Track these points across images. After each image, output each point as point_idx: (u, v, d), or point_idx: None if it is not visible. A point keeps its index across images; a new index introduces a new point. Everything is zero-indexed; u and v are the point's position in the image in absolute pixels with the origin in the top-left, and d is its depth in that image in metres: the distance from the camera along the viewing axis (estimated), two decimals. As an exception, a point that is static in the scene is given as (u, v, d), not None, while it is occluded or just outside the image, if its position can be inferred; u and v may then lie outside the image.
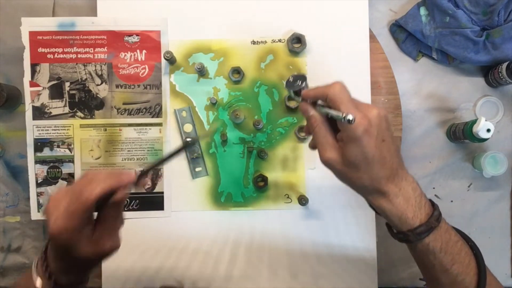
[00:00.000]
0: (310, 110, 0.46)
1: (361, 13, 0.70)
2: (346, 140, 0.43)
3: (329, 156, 0.45)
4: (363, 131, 0.42)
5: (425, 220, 0.45)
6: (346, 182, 0.46)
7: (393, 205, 0.44)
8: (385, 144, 0.44)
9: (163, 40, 0.69)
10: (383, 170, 0.44)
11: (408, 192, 0.45)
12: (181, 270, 0.69)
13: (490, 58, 0.69)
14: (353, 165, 0.43)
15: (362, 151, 0.42)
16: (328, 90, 0.44)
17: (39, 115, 0.69)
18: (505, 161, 0.69)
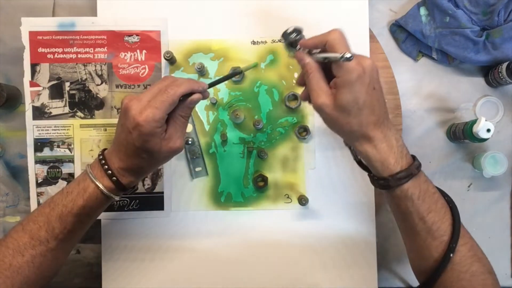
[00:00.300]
0: (306, 58, 0.48)
1: (361, 13, 0.70)
2: (339, 85, 0.45)
3: (322, 101, 0.46)
4: (357, 76, 0.44)
5: (406, 167, 0.47)
6: (335, 127, 0.48)
7: (377, 150, 0.47)
8: (375, 92, 0.46)
9: (163, 40, 0.69)
10: (372, 116, 0.46)
11: (391, 140, 0.48)
12: (181, 270, 0.69)
13: (490, 58, 0.69)
14: (344, 110, 0.46)
15: (354, 96, 0.45)
16: (327, 36, 0.46)
17: (39, 115, 0.69)
18: (505, 161, 0.69)
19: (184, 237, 0.69)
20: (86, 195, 0.52)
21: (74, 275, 0.75)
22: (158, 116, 0.48)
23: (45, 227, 0.52)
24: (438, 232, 0.48)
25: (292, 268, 0.69)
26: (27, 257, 0.51)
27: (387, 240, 0.74)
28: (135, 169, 0.52)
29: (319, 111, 0.48)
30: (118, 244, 0.69)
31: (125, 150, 0.51)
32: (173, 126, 0.51)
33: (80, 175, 0.54)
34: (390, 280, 0.74)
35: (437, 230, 0.48)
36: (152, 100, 0.48)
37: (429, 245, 0.49)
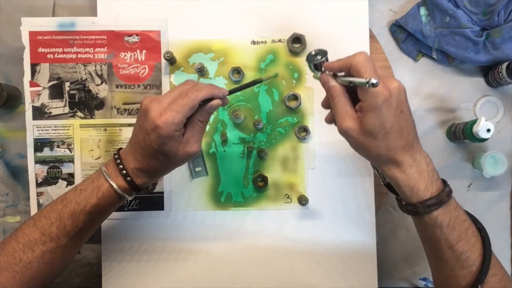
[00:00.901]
0: (331, 81, 0.47)
1: (361, 13, 0.70)
2: (365, 109, 0.44)
3: (348, 125, 0.46)
4: (383, 101, 0.43)
5: (436, 194, 0.46)
6: (362, 151, 0.47)
7: (407, 176, 0.46)
8: (403, 115, 0.45)
9: (163, 40, 0.69)
10: (400, 140, 0.45)
11: (422, 165, 0.46)
12: (181, 270, 0.69)
13: (490, 58, 0.69)
14: (370, 134, 0.44)
15: (381, 120, 0.43)
16: (352, 59, 0.45)
17: (39, 115, 0.69)
18: (505, 161, 0.69)
19: (184, 237, 0.69)
20: (100, 193, 0.52)
21: (74, 275, 0.75)
22: (177, 119, 0.48)
23: (57, 223, 0.52)
24: (467, 262, 0.47)
25: (292, 268, 0.69)
26: (37, 252, 0.51)
27: (387, 240, 0.74)
28: (150, 171, 0.52)
29: (345, 135, 0.47)
30: (118, 244, 0.69)
31: (141, 151, 0.51)
32: (191, 130, 0.51)
33: (94, 173, 0.54)
34: (390, 280, 0.74)
35: (466, 259, 0.47)
36: (173, 103, 0.48)
37: (457, 274, 0.47)
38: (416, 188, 0.46)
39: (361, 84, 0.43)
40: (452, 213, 0.47)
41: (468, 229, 0.47)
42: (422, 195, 0.46)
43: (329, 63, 0.48)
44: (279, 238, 0.69)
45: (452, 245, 0.47)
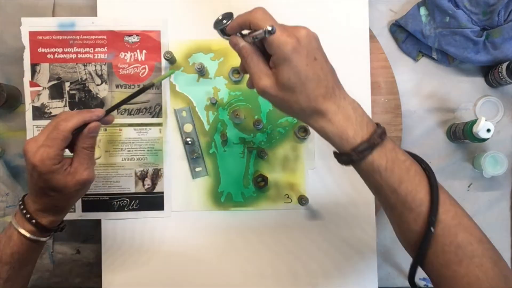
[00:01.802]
0: (239, 42, 0.45)
1: (361, 13, 0.70)
2: (277, 63, 0.43)
3: (264, 83, 0.44)
4: (292, 50, 0.41)
5: (367, 137, 0.43)
6: (285, 108, 0.45)
7: (333, 124, 0.44)
8: (318, 63, 0.43)
9: (163, 40, 0.69)
10: (318, 88, 0.43)
11: (348, 110, 0.44)
12: (181, 270, 0.69)
13: (490, 58, 0.69)
14: (288, 88, 0.43)
15: (294, 71, 0.42)
16: (249, 15, 0.44)
17: (39, 115, 0.69)
18: (505, 161, 0.69)
19: (184, 237, 0.69)
20: (12, 242, 0.52)
21: (74, 275, 0.75)
22: (52, 154, 0.49)
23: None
24: (414, 203, 0.44)
25: (292, 268, 0.69)
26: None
27: (387, 239, 0.74)
28: (50, 208, 0.53)
29: (264, 94, 0.45)
30: (118, 244, 0.69)
31: (34, 192, 0.52)
32: (78, 159, 0.52)
33: (7, 225, 0.54)
34: (390, 280, 0.74)
35: (412, 201, 0.44)
36: (46, 139, 0.49)
37: (407, 218, 0.45)
38: (345, 135, 0.43)
39: (261, 35, 0.42)
40: (389, 155, 0.44)
41: (409, 169, 0.44)
42: (352, 142, 0.43)
43: (230, 24, 0.46)
44: (279, 238, 0.69)
45: (395, 188, 0.44)
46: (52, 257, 0.74)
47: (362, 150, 0.43)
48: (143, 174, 0.69)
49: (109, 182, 0.69)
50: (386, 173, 0.44)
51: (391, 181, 0.44)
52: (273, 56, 0.43)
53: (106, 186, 0.69)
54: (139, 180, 0.69)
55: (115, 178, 0.69)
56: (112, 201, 0.69)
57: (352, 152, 0.44)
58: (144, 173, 0.69)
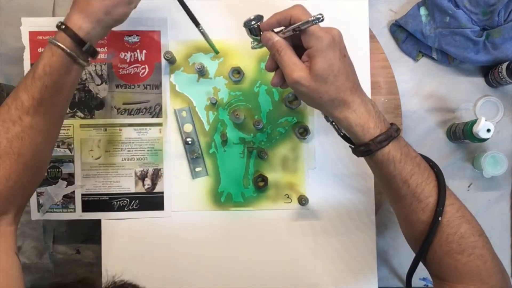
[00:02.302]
0: (274, 36, 0.49)
1: (361, 13, 0.70)
2: (313, 55, 0.46)
3: (299, 74, 0.47)
4: (328, 44, 0.46)
5: (385, 130, 0.48)
6: (314, 98, 0.48)
7: (357, 115, 0.48)
8: (347, 60, 0.48)
9: (163, 40, 0.69)
10: (347, 82, 0.47)
11: (369, 105, 0.49)
12: (181, 270, 0.69)
13: (490, 58, 0.69)
14: (321, 79, 0.46)
15: (329, 63, 0.46)
16: (291, 11, 0.47)
17: (39, 115, 0.69)
18: (505, 161, 0.69)
19: (184, 237, 0.69)
20: (44, 54, 0.50)
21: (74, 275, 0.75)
22: None
23: (14, 104, 0.50)
24: (423, 194, 0.48)
25: (292, 268, 0.69)
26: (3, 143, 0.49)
27: (387, 239, 0.74)
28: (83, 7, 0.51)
29: (296, 85, 0.47)
30: (118, 244, 0.69)
31: None
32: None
33: None
34: (390, 280, 0.74)
35: (421, 192, 0.48)
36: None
37: (416, 208, 0.49)
38: (367, 126, 0.48)
39: (308, 23, 0.45)
40: (403, 149, 0.49)
41: (420, 164, 0.49)
42: (372, 132, 0.48)
43: (268, 19, 0.49)
44: (279, 238, 0.69)
45: (407, 179, 0.48)
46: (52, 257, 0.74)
47: (380, 140, 0.48)
48: (143, 174, 0.69)
49: (109, 182, 0.69)
50: (399, 165, 0.48)
51: (403, 172, 0.48)
52: (310, 49, 0.46)
53: (106, 186, 0.69)
54: (139, 180, 0.69)
55: (115, 178, 0.69)
56: (112, 201, 0.69)
57: (371, 142, 0.48)
58: (144, 173, 0.69)
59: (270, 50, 0.49)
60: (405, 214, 0.51)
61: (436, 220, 0.47)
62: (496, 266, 0.48)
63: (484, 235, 0.49)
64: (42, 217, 0.69)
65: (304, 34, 0.46)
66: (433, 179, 0.49)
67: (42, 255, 0.74)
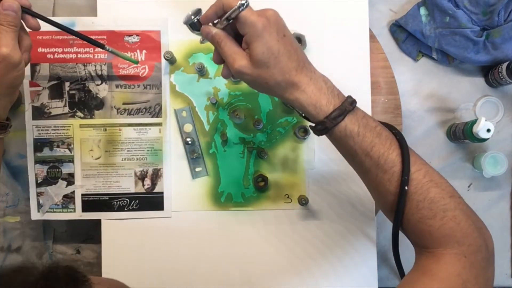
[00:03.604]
0: (212, 29, 0.48)
1: (361, 13, 0.70)
2: (250, 41, 0.45)
3: (240, 63, 0.46)
4: (263, 27, 0.45)
5: (339, 105, 0.47)
6: (261, 85, 0.48)
7: (307, 94, 0.47)
8: (287, 39, 0.46)
9: (163, 40, 0.69)
10: (291, 62, 0.46)
11: (319, 82, 0.47)
12: (181, 270, 0.69)
13: (490, 58, 0.69)
14: (262, 63, 0.45)
15: (267, 46, 0.45)
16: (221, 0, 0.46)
17: (39, 115, 0.69)
18: (505, 161, 0.69)
19: (184, 237, 0.69)
20: None
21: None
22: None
23: None
24: (387, 165, 0.47)
25: (292, 268, 0.69)
26: None
27: (387, 239, 0.74)
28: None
29: (240, 74, 0.47)
30: (118, 244, 0.69)
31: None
32: None
33: None
34: (390, 280, 0.74)
35: (385, 162, 0.47)
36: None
37: (382, 180, 0.48)
38: (319, 104, 0.47)
39: (235, 12, 0.44)
40: (361, 121, 0.47)
41: (380, 133, 0.48)
42: (325, 109, 0.47)
43: (204, 14, 0.49)
44: (279, 238, 0.69)
45: (368, 151, 0.47)
46: (52, 257, 0.74)
47: (335, 116, 0.46)
48: (143, 174, 0.69)
49: (109, 182, 0.69)
50: (358, 138, 0.47)
51: (364, 145, 0.47)
52: (246, 36, 0.46)
53: (106, 186, 0.69)
54: (139, 180, 0.69)
55: (115, 178, 0.69)
56: (112, 201, 0.69)
57: (325, 119, 0.47)
58: (144, 173, 0.69)
59: (212, 43, 0.49)
60: (374, 187, 0.50)
61: (402, 190, 0.46)
62: (471, 225, 0.46)
63: (456, 196, 0.48)
64: (42, 217, 0.69)
65: (238, 22, 0.45)
66: (396, 147, 0.48)
67: (42, 255, 0.74)
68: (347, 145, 0.48)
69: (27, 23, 0.55)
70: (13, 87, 0.56)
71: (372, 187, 0.51)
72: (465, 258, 0.45)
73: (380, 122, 0.50)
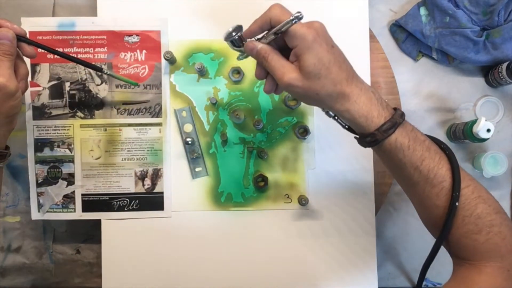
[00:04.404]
0: (257, 44, 0.48)
1: (361, 13, 0.70)
2: (300, 53, 0.45)
3: (290, 76, 0.45)
4: (313, 38, 0.44)
5: (390, 117, 0.46)
6: (311, 96, 0.47)
7: (359, 105, 0.46)
8: (336, 50, 0.46)
9: (163, 40, 0.69)
10: (341, 72, 0.46)
11: (369, 93, 0.47)
12: (181, 270, 0.69)
13: (490, 58, 0.69)
14: (314, 75, 0.45)
15: (318, 57, 0.44)
16: (269, 13, 0.46)
17: (39, 115, 0.69)
18: (505, 161, 0.69)
19: (184, 237, 0.69)
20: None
21: (74, 275, 0.75)
22: None
23: None
24: (437, 179, 0.47)
25: (292, 268, 0.69)
26: None
27: (387, 240, 0.74)
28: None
29: (290, 87, 0.46)
30: (118, 244, 0.69)
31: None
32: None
33: None
34: (390, 280, 0.74)
35: (434, 177, 0.47)
36: None
37: (430, 194, 0.48)
38: (370, 115, 0.46)
39: (287, 24, 0.44)
40: (410, 134, 0.47)
41: (430, 148, 0.48)
42: (377, 121, 0.46)
43: (248, 28, 0.48)
44: (279, 238, 0.69)
45: (417, 165, 0.47)
46: (52, 257, 0.74)
47: (386, 129, 0.46)
48: (143, 174, 0.69)
49: (109, 182, 0.69)
50: (408, 151, 0.47)
51: (413, 159, 0.47)
52: (296, 48, 0.45)
53: (106, 186, 0.69)
54: (139, 180, 0.69)
55: (115, 178, 0.69)
56: (112, 201, 0.69)
57: (376, 132, 0.46)
58: (144, 173, 0.69)
59: (256, 58, 0.48)
60: (419, 200, 0.50)
61: (453, 207, 0.46)
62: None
63: (501, 212, 0.48)
64: (42, 217, 0.69)
65: (287, 35, 0.45)
66: (446, 162, 0.48)
67: (42, 255, 0.74)
68: (396, 158, 0.48)
69: (23, 51, 0.55)
70: (10, 116, 0.55)
71: (418, 200, 0.51)
72: (508, 272, 0.46)
73: (427, 136, 0.50)
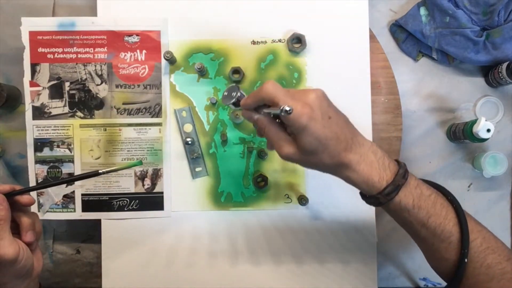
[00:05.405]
0: (253, 115, 0.48)
1: (361, 13, 0.70)
2: (295, 132, 0.45)
3: (287, 151, 0.46)
4: (308, 119, 0.43)
5: (392, 180, 0.46)
6: (310, 167, 0.48)
7: (358, 173, 0.46)
8: (333, 121, 0.45)
9: (163, 40, 0.69)
10: (339, 144, 0.45)
11: (369, 157, 0.46)
12: (180, 270, 0.69)
13: (490, 58, 0.69)
14: (310, 152, 0.45)
15: (314, 136, 0.44)
16: (261, 91, 0.45)
17: (39, 115, 0.69)
18: (505, 161, 0.69)
19: (184, 237, 0.69)
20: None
21: (74, 275, 0.75)
22: None
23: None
24: (444, 235, 0.47)
25: (292, 268, 0.69)
26: None
27: (387, 239, 0.74)
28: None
29: (288, 159, 0.47)
30: (118, 244, 0.69)
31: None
32: None
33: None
34: (391, 280, 0.74)
35: (442, 233, 0.47)
36: None
37: (438, 248, 0.48)
38: (371, 181, 0.46)
39: (277, 113, 0.43)
40: (414, 192, 0.47)
41: (435, 204, 0.48)
42: (378, 186, 0.46)
43: (244, 101, 0.48)
44: (279, 238, 0.69)
45: (424, 223, 0.47)
46: (52, 257, 0.74)
47: (388, 192, 0.46)
48: (143, 174, 0.69)
49: (109, 182, 0.69)
50: (414, 210, 0.47)
51: (419, 217, 0.47)
52: (291, 127, 0.45)
53: (106, 186, 0.69)
54: (138, 180, 0.69)
55: (115, 178, 0.69)
56: (112, 201, 0.69)
57: (379, 195, 0.46)
58: (143, 173, 0.69)
59: (254, 126, 0.49)
60: (429, 253, 0.51)
61: (461, 263, 0.46)
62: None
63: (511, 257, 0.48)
64: (42, 217, 0.69)
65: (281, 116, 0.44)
66: (453, 216, 0.47)
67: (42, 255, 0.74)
68: (401, 216, 0.48)
69: (21, 203, 0.50)
70: (22, 276, 0.49)
71: (427, 252, 0.51)
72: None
73: (431, 184, 0.49)
